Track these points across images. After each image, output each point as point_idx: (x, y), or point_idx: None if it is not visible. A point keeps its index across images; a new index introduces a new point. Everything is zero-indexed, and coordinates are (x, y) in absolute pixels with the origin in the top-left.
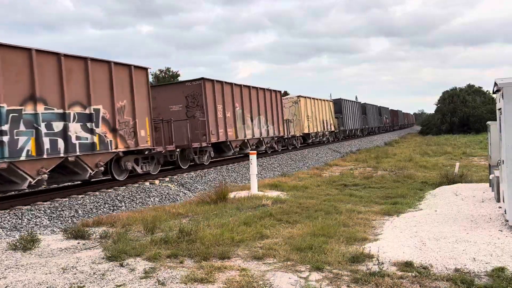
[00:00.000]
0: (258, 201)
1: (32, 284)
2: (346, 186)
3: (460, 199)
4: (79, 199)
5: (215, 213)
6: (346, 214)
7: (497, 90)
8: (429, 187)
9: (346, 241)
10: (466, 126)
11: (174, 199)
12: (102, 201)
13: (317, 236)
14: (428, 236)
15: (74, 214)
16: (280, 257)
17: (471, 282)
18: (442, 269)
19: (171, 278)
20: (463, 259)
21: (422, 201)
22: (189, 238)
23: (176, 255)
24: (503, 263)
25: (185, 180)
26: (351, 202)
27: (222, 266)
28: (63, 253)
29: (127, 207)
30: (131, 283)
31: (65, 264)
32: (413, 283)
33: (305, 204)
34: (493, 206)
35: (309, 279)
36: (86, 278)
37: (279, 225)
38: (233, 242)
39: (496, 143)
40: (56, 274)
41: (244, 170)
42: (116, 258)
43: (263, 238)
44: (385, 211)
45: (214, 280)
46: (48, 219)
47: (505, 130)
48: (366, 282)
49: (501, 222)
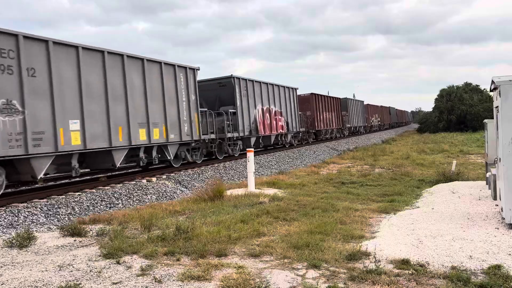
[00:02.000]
0: (255, 198)
1: (28, 281)
2: (343, 183)
3: (457, 197)
4: (75, 196)
5: (212, 211)
6: (343, 211)
7: (494, 88)
8: (426, 185)
9: (343, 238)
10: (463, 124)
11: (171, 197)
12: (99, 199)
13: (314, 233)
14: (425, 233)
15: (71, 211)
16: (277, 255)
17: (467, 280)
18: (439, 266)
19: (168, 276)
20: (459, 257)
21: (419, 199)
22: (186, 236)
23: (173, 253)
24: (500, 261)
25: (182, 178)
26: (348, 199)
27: (219, 263)
28: (59, 251)
29: (124, 204)
30: (127, 280)
31: (61, 261)
32: (410, 281)
33: (302, 202)
34: (490, 204)
35: (306, 276)
36: (82, 275)
37: (276, 222)
38: (230, 239)
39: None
40: (52, 272)
41: (242, 168)
42: (113, 256)
43: (260, 235)
44: (382, 209)
45: (211, 278)
46: (44, 216)
47: (502, 128)
48: (363, 280)
49: (498, 220)
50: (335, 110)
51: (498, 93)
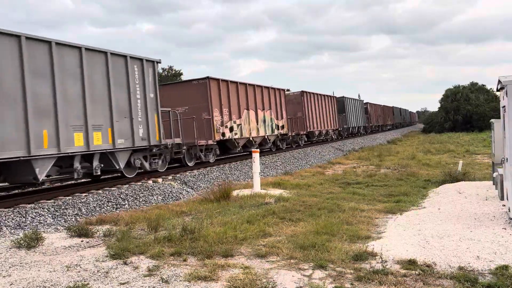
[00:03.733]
0: (261, 199)
1: (36, 282)
2: (349, 184)
3: (463, 197)
4: (82, 197)
5: (218, 211)
6: (349, 212)
7: (501, 88)
8: (432, 185)
9: (349, 239)
10: (469, 124)
11: (177, 198)
12: (106, 200)
13: (320, 234)
14: (432, 234)
15: (78, 212)
16: (283, 255)
17: (475, 280)
18: (446, 267)
19: (175, 276)
20: (466, 257)
21: (425, 199)
22: (193, 236)
23: (179, 253)
24: (507, 261)
25: (188, 179)
26: (354, 200)
27: (225, 264)
28: (67, 251)
29: (130, 205)
30: (134, 281)
31: (69, 262)
32: (417, 281)
33: (308, 202)
34: (497, 204)
35: (312, 277)
36: (90, 276)
37: (282, 223)
38: (236, 240)
39: (500, 141)
40: (60, 272)
41: (247, 169)
42: (120, 256)
43: (266, 236)
44: (388, 209)
45: (217, 278)
46: (52, 217)
47: (509, 127)
48: (370, 280)
49: (505, 220)
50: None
51: (505, 92)
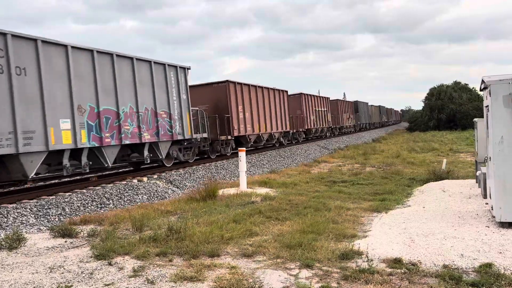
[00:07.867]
0: (247, 198)
1: (18, 284)
2: (335, 182)
3: (447, 195)
4: (66, 196)
5: (204, 211)
6: (335, 210)
7: (484, 88)
8: (417, 183)
9: (336, 238)
10: (452, 122)
11: (163, 197)
12: (90, 199)
13: (306, 233)
14: (417, 232)
15: (61, 212)
16: (270, 255)
17: (459, 278)
18: (431, 265)
19: (160, 277)
20: (451, 256)
21: (410, 198)
22: (178, 236)
23: (165, 253)
24: (491, 259)
25: (174, 178)
26: (340, 198)
27: (211, 264)
28: (50, 252)
29: (115, 204)
30: (119, 282)
31: (52, 263)
32: (402, 280)
33: (294, 201)
34: (480, 202)
35: (299, 276)
36: (74, 277)
37: (268, 222)
38: (223, 239)
39: (483, 140)
40: (43, 274)
41: (233, 167)
42: (104, 257)
43: (252, 235)
44: (373, 208)
45: (203, 278)
46: (34, 217)
47: (492, 127)
48: (356, 279)
49: (488, 218)
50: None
51: (488, 92)
